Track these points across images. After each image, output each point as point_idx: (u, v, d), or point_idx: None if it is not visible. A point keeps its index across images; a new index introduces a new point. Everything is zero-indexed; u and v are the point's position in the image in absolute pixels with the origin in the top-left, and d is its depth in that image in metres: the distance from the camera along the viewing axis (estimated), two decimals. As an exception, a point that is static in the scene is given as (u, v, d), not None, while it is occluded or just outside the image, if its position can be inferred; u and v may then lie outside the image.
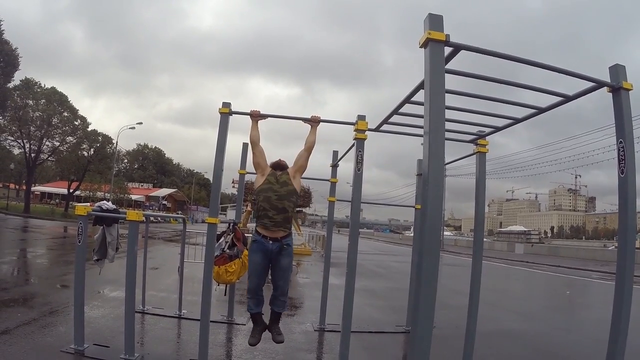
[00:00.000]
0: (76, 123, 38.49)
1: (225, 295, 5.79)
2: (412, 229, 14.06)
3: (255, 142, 4.20)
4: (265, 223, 3.90)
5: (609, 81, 2.93)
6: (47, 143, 37.64)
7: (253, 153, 4.21)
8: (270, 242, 3.88)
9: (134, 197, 56.17)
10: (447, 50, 2.44)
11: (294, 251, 4.22)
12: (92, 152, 40.67)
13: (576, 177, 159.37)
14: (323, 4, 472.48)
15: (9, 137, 36.53)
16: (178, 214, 47.54)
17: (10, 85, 32.53)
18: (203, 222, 40.39)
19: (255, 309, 4.04)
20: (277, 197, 3.92)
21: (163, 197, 65.33)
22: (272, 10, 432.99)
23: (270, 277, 4.07)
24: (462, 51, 2.51)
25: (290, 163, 4.24)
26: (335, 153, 6.47)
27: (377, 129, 4.54)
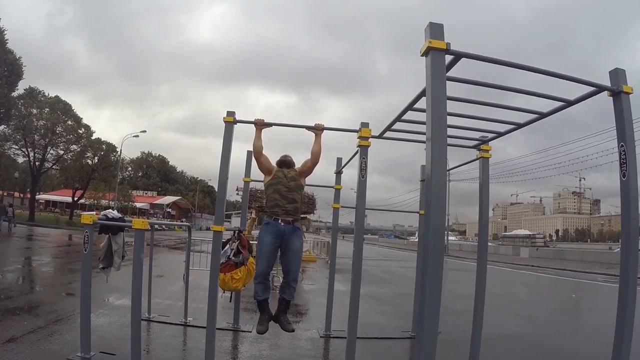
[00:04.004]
0: (80, 131, 38.63)
1: (230, 301, 5.81)
2: (416, 235, 14.01)
3: (259, 151, 4.26)
4: (276, 211, 4.05)
5: (609, 85, 2.95)
6: (52, 151, 37.80)
7: (259, 162, 4.29)
8: (282, 224, 4.02)
9: (138, 205, 56.29)
10: (448, 58, 2.47)
11: None
12: (97, 161, 40.85)
13: (580, 180, 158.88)
14: (315, 17, 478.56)
15: (14, 146, 36.76)
16: (182, 221, 47.64)
17: (15, 94, 32.61)
18: (207, 229, 40.46)
19: (263, 295, 4.09)
20: (286, 189, 4.11)
21: (167, 205, 65.42)
22: (266, 23, 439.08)
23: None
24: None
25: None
26: (339, 160, 6.49)
27: (380, 136, 4.56)
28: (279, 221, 4.03)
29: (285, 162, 4.32)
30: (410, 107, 3.46)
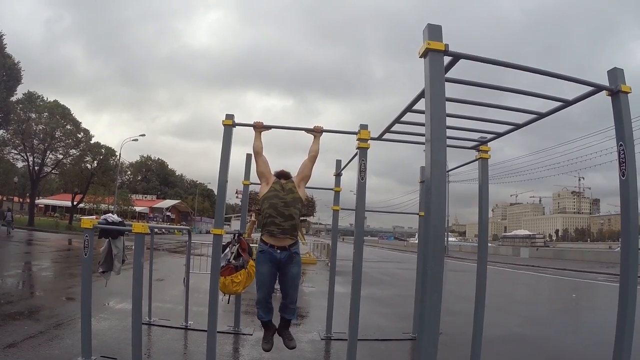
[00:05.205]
0: (79, 136, 38.66)
1: (227, 303, 5.78)
2: (416, 236, 13.99)
3: (258, 152, 4.19)
4: (272, 230, 3.85)
5: (608, 85, 2.96)
6: (51, 156, 37.85)
7: (257, 163, 4.21)
8: (279, 251, 3.83)
9: (138, 208, 56.18)
10: (447, 59, 2.48)
11: None
12: (96, 165, 40.81)
13: (579, 180, 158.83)
14: (310, 21, 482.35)
15: (13, 151, 36.83)
16: (182, 225, 47.62)
17: (13, 98, 32.67)
18: (207, 232, 40.43)
19: (266, 317, 4.02)
20: (283, 204, 3.89)
21: (167, 209, 65.39)
22: (262, 28, 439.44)
23: (278, 287, 4.07)
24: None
25: (293, 173, 4.25)
26: (338, 162, 6.50)
27: (379, 138, 4.57)
28: (275, 248, 3.84)
29: (284, 174, 4.14)
30: (409, 108, 3.46)
